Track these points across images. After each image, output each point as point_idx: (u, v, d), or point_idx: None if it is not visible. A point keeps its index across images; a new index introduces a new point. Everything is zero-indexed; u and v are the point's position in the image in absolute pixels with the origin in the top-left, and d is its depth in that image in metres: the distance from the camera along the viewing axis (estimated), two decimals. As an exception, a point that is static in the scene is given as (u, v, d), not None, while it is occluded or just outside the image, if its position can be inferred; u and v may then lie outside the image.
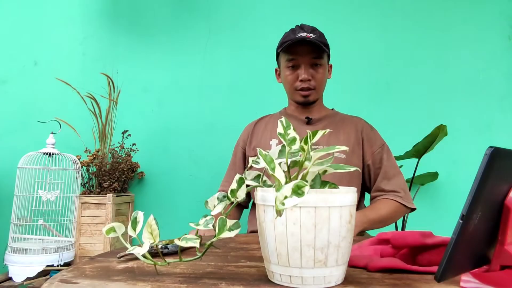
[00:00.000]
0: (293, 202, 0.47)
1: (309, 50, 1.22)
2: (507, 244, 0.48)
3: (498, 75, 2.03)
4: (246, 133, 1.41)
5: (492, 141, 1.96)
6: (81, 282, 0.56)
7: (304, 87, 1.25)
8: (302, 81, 1.24)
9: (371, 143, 1.29)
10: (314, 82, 1.25)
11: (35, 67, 2.32)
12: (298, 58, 1.24)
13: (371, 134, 1.30)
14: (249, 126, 1.42)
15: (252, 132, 1.38)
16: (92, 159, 2.00)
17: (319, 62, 1.25)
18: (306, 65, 1.24)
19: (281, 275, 0.54)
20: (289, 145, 0.58)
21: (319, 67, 1.25)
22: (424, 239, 0.64)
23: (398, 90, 2.09)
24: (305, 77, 1.23)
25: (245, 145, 1.39)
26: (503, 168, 0.46)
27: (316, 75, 1.25)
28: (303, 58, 1.23)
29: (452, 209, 1.87)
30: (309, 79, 1.24)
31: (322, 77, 1.27)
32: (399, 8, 2.14)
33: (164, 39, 2.26)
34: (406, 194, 1.23)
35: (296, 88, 1.27)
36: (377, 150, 1.28)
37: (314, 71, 1.25)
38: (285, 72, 1.28)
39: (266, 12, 2.22)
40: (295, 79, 1.26)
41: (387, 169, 1.25)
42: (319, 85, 1.27)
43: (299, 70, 1.24)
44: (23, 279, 1.63)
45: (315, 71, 1.25)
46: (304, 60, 1.23)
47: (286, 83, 1.30)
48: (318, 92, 1.29)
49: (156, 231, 0.58)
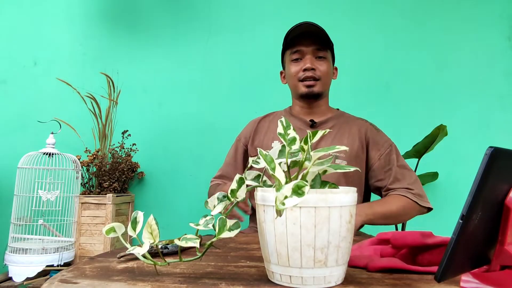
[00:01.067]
0: (293, 202, 0.47)
1: (312, 41, 1.24)
2: (507, 244, 0.48)
3: (498, 75, 2.03)
4: (249, 130, 1.38)
5: (492, 141, 1.96)
6: (81, 282, 0.56)
7: (308, 75, 1.23)
8: (306, 70, 1.23)
9: (377, 146, 1.25)
10: (319, 72, 1.24)
11: (35, 67, 2.32)
12: (302, 50, 1.24)
13: (377, 137, 1.27)
14: (253, 123, 1.40)
15: (255, 131, 1.36)
16: (92, 159, 2.00)
17: (323, 55, 1.25)
18: (310, 56, 1.24)
19: (281, 275, 0.54)
20: (289, 145, 0.58)
21: (323, 60, 1.25)
22: (424, 239, 0.64)
23: (398, 90, 2.09)
24: (309, 66, 1.22)
25: (247, 142, 1.37)
26: (503, 168, 0.46)
27: (320, 67, 1.24)
28: (307, 48, 1.24)
29: (452, 209, 1.86)
30: (313, 68, 1.23)
31: (326, 69, 1.25)
32: (399, 8, 2.14)
33: (164, 39, 2.27)
34: (420, 192, 1.19)
35: (300, 79, 1.25)
36: (384, 152, 1.24)
37: (318, 63, 1.24)
38: (290, 67, 1.28)
39: (266, 12, 2.22)
40: (299, 70, 1.25)
41: (397, 170, 1.21)
42: (324, 76, 1.25)
43: (303, 61, 1.25)
44: (23, 279, 1.63)
45: (319, 63, 1.24)
46: (308, 50, 1.24)
47: (290, 77, 1.29)
48: (323, 85, 1.27)
49: (156, 231, 0.58)
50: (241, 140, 1.39)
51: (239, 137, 1.41)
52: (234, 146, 1.42)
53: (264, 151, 0.56)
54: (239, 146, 1.39)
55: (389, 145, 1.26)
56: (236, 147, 1.40)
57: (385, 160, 1.23)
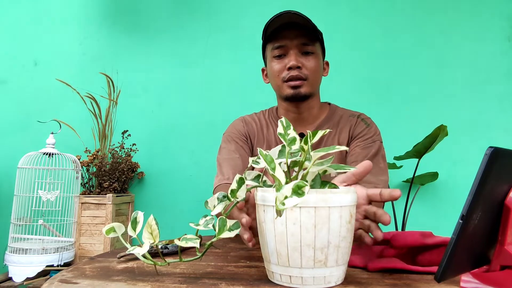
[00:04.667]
0: (294, 202, 0.47)
1: (297, 34, 1.04)
2: (507, 244, 0.48)
3: (498, 75, 2.03)
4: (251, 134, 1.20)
5: (492, 141, 1.96)
6: (81, 282, 0.56)
7: (293, 75, 1.04)
8: (290, 68, 1.04)
9: (360, 139, 1.08)
10: (306, 70, 1.05)
11: (35, 67, 2.32)
12: (285, 44, 1.05)
13: (363, 131, 1.10)
14: (251, 126, 1.20)
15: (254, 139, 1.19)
16: (92, 159, 2.00)
17: (310, 50, 1.06)
18: (295, 51, 1.04)
19: (281, 275, 0.54)
20: (289, 145, 0.58)
21: (311, 56, 1.06)
22: (424, 239, 0.64)
23: (398, 90, 2.09)
24: (294, 63, 1.03)
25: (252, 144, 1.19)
26: (503, 168, 0.46)
27: (308, 63, 1.05)
28: (291, 42, 1.04)
29: (452, 209, 1.87)
30: (299, 66, 1.04)
31: (315, 66, 1.06)
32: (399, 8, 2.14)
33: (164, 39, 2.27)
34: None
35: (284, 79, 1.06)
36: (365, 145, 1.06)
37: (305, 59, 1.05)
38: (272, 64, 1.08)
39: (266, 12, 2.20)
40: (283, 69, 1.06)
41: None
42: (312, 75, 1.06)
43: (287, 58, 1.05)
44: (23, 279, 1.63)
45: (306, 60, 1.05)
46: (292, 45, 1.04)
47: (273, 76, 1.09)
48: (311, 85, 1.07)
49: (156, 231, 0.58)
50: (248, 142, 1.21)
51: (245, 135, 1.22)
52: (239, 144, 1.21)
53: (264, 151, 0.56)
54: (245, 148, 1.23)
55: (372, 141, 1.08)
56: (242, 148, 1.22)
57: (360, 150, 1.06)
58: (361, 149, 1.05)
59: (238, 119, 1.24)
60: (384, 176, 1.02)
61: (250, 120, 1.21)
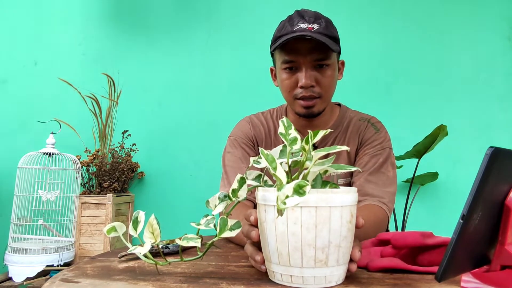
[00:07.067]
0: (295, 201, 0.47)
1: (311, 48, 0.92)
2: (507, 244, 0.48)
3: (498, 75, 2.04)
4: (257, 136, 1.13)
5: (492, 141, 1.96)
6: (82, 282, 0.56)
7: (306, 96, 0.95)
8: (303, 87, 0.94)
9: (369, 145, 1.03)
10: (319, 88, 0.95)
11: (35, 67, 2.32)
12: (297, 59, 0.94)
13: (372, 137, 1.04)
14: (256, 129, 1.13)
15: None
16: (92, 159, 2.00)
17: (325, 63, 0.95)
18: (308, 67, 0.94)
19: (282, 274, 0.54)
20: (290, 145, 0.58)
21: (325, 69, 0.95)
22: (424, 239, 0.64)
23: (398, 90, 2.09)
24: (308, 82, 0.93)
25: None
26: (503, 168, 0.46)
27: (322, 79, 0.95)
28: (304, 58, 0.93)
29: (452, 209, 1.87)
30: (313, 85, 0.94)
31: (330, 81, 0.97)
32: (399, 9, 2.14)
33: (164, 39, 2.27)
34: (390, 205, 0.97)
35: (296, 97, 0.97)
36: (373, 152, 1.01)
37: (319, 74, 0.95)
38: (282, 76, 0.98)
39: (266, 12, 2.22)
40: (294, 85, 0.96)
41: (374, 173, 0.98)
42: (326, 92, 0.97)
43: (299, 73, 0.95)
44: (23, 279, 1.63)
45: (321, 75, 0.95)
46: (305, 61, 0.93)
47: (283, 89, 1.00)
48: (325, 101, 0.99)
49: (158, 230, 0.58)
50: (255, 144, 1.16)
51: (252, 139, 1.17)
52: (245, 150, 1.16)
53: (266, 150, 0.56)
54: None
55: (382, 148, 1.02)
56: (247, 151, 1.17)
57: (369, 158, 1.01)
58: (370, 157, 1.01)
59: (244, 119, 1.15)
60: (390, 187, 0.98)
61: (257, 122, 1.12)
